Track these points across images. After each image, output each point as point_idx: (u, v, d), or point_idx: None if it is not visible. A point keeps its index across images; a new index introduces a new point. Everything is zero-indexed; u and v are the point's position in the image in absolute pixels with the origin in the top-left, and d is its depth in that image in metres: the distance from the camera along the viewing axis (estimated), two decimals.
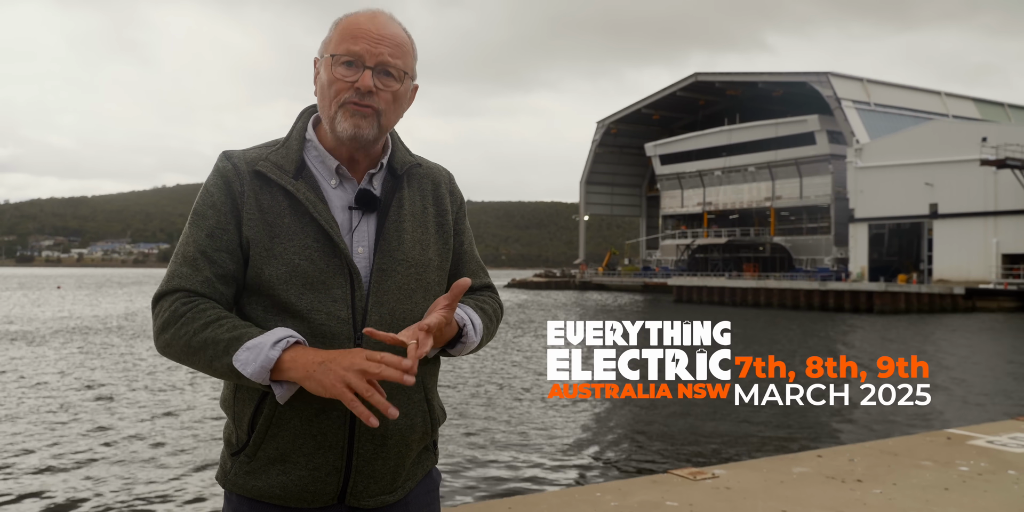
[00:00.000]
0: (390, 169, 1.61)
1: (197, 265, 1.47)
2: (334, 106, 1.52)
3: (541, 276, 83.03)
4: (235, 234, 1.50)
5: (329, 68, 1.52)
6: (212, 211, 1.50)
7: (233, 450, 1.54)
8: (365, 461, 1.51)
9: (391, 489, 1.56)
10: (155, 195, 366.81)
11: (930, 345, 22.87)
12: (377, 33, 1.51)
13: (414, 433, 1.57)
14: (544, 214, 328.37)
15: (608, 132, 77.43)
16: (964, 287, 40.64)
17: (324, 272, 1.48)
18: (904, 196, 47.20)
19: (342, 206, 1.55)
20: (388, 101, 1.53)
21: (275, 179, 1.51)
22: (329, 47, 1.54)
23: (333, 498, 1.51)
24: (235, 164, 1.53)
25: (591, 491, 4.21)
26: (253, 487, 1.50)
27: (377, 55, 1.50)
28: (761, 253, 64.45)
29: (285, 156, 1.54)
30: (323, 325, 1.47)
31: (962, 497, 4.08)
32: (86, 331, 25.43)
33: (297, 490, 1.49)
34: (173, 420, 10.60)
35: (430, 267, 1.59)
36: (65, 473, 7.88)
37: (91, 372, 15.53)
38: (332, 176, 1.56)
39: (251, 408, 1.50)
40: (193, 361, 1.43)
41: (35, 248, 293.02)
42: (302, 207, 1.50)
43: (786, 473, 4.54)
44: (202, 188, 1.55)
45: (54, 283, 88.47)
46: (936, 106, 60.01)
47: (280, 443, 1.48)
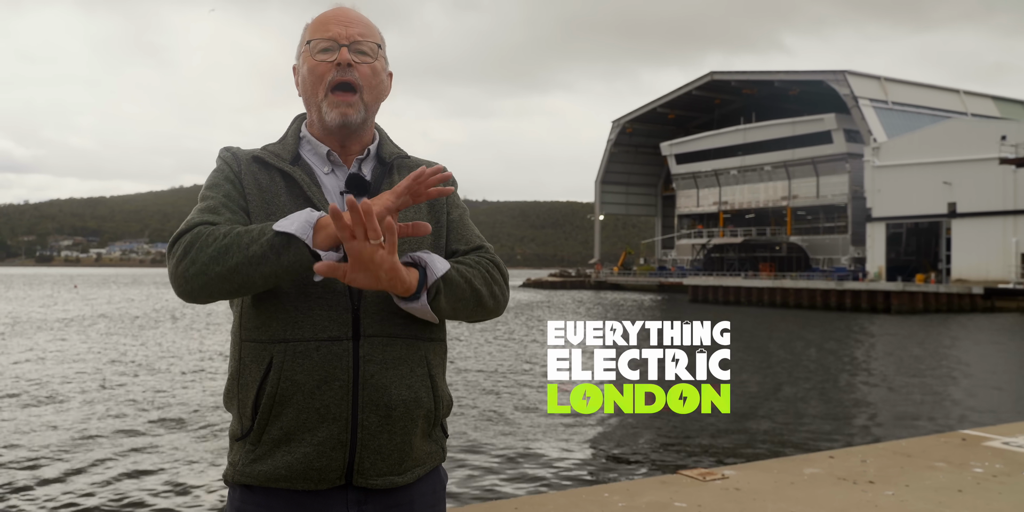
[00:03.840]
0: (379, 158, 1.68)
1: (218, 211, 1.52)
2: (321, 91, 1.60)
3: (556, 276, 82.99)
4: (244, 204, 1.56)
5: (309, 56, 1.62)
6: (225, 182, 1.58)
7: (237, 437, 1.56)
8: (371, 434, 1.50)
9: (399, 469, 1.54)
10: (173, 195, 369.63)
11: (947, 345, 22.68)
12: (346, 18, 1.63)
13: (420, 408, 1.55)
14: (559, 214, 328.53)
15: (623, 131, 77.28)
16: (983, 287, 40.31)
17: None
18: (922, 195, 46.84)
19: (335, 191, 1.61)
20: (367, 75, 1.61)
21: (273, 163, 1.60)
22: (304, 39, 1.66)
23: (340, 477, 1.50)
24: (234, 153, 1.64)
25: (599, 491, 4.18)
26: (260, 473, 1.51)
27: (349, 35, 1.61)
28: (777, 253, 64.15)
29: (282, 148, 1.64)
30: (320, 297, 1.50)
31: (976, 499, 4.01)
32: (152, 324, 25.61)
33: (303, 469, 1.48)
34: (185, 420, 10.64)
35: (423, 243, 1.60)
36: (58, 482, 7.93)
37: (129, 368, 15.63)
38: (325, 163, 1.64)
39: (254, 391, 1.51)
40: (224, 261, 1.40)
41: (54, 248, 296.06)
42: (298, 188, 1.57)
43: (797, 474, 4.49)
44: (207, 178, 1.62)
45: (79, 282, 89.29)
46: (955, 104, 59.53)
47: (284, 422, 1.49)
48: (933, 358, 19.17)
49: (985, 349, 22.06)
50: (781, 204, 63.25)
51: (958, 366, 17.57)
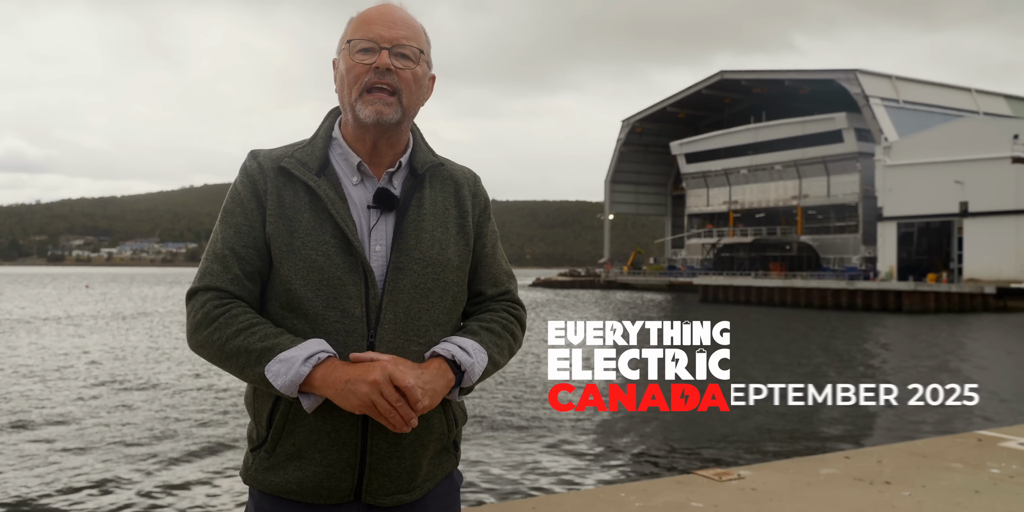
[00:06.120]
0: (411, 168, 1.62)
1: (226, 262, 1.52)
2: (355, 92, 1.55)
3: (566, 275, 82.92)
4: (260, 231, 1.54)
5: (348, 55, 1.56)
6: (239, 208, 1.55)
7: (253, 445, 1.58)
8: (379, 459, 1.52)
9: (408, 488, 1.56)
10: (183, 195, 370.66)
11: (961, 345, 22.57)
12: (390, 18, 1.57)
13: (431, 434, 1.57)
14: (569, 213, 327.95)
15: (633, 131, 77.10)
16: (995, 286, 40.08)
17: (340, 268, 1.50)
18: (934, 194, 46.57)
19: (363, 204, 1.57)
20: (408, 81, 1.56)
21: (298, 175, 1.54)
22: (345, 37, 1.59)
23: (349, 495, 1.52)
24: (260, 163, 1.58)
25: (615, 491, 4.20)
26: (272, 483, 1.53)
27: (392, 38, 1.54)
28: (788, 252, 63.90)
29: (310, 153, 1.58)
30: (337, 322, 1.49)
31: (993, 500, 4.01)
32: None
33: (312, 486, 1.51)
34: (202, 416, 10.70)
35: (448, 267, 1.58)
36: (89, 473, 7.98)
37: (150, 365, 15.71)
38: (354, 173, 1.59)
39: (269, 405, 1.53)
40: (225, 365, 1.48)
41: (65, 247, 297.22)
42: (321, 204, 1.53)
43: (813, 474, 4.50)
44: (231, 187, 1.60)
45: (91, 281, 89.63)
46: (966, 103, 59.17)
47: (296, 439, 1.51)
48: (946, 357, 19.08)
49: (998, 349, 21.96)
50: (791, 203, 63.00)
51: (972, 366, 17.50)
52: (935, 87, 58.53)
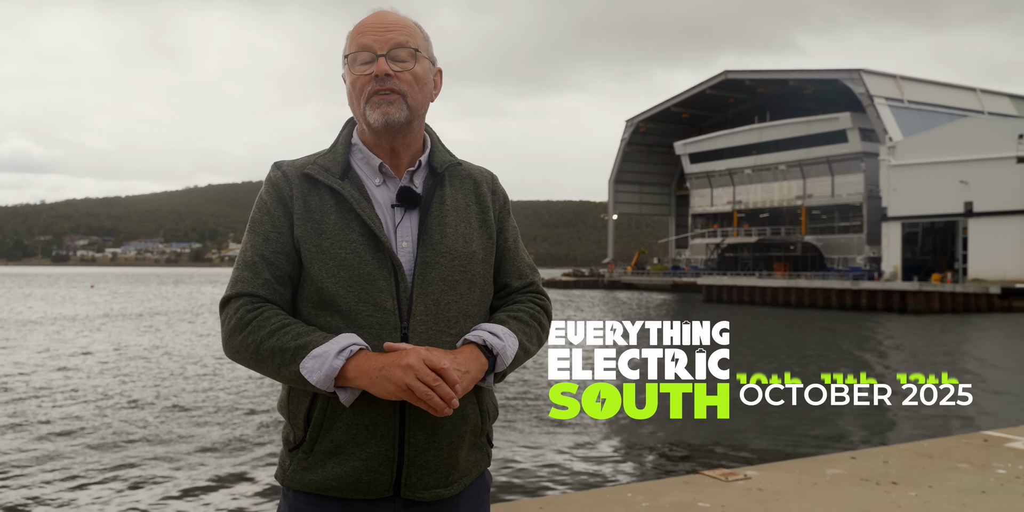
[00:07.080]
0: (430, 167, 1.67)
1: (256, 269, 1.56)
2: (362, 102, 1.60)
3: (570, 275, 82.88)
4: (288, 236, 1.58)
5: (349, 70, 1.62)
6: (266, 217, 1.60)
7: (291, 447, 1.61)
8: (417, 451, 1.55)
9: (446, 482, 1.59)
10: (187, 195, 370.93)
11: (966, 345, 22.54)
12: (382, 23, 1.61)
13: (466, 424, 1.60)
14: (573, 213, 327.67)
15: (637, 131, 77.04)
16: (1000, 287, 40.01)
17: (369, 264, 1.54)
18: (938, 194, 46.48)
19: (386, 203, 1.62)
20: (409, 81, 1.60)
21: (322, 180, 1.60)
22: (344, 52, 1.64)
23: (388, 489, 1.55)
24: (284, 171, 1.63)
25: (622, 491, 4.21)
26: (311, 481, 1.56)
27: (386, 42, 1.59)
28: (792, 252, 63.82)
29: (332, 159, 1.64)
30: (370, 316, 1.53)
31: (1000, 501, 4.02)
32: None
33: (352, 481, 1.53)
34: (234, 419, 10.72)
35: (474, 260, 1.63)
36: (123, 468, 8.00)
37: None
38: (376, 175, 1.64)
39: (305, 405, 1.56)
40: (261, 368, 1.51)
41: (70, 248, 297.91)
42: (347, 204, 1.58)
43: (819, 475, 4.50)
44: (257, 198, 1.65)
45: (96, 281, 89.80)
46: (971, 103, 59.03)
47: (335, 436, 1.54)
48: (951, 358, 19.06)
49: (1004, 349, 21.92)
50: (796, 203, 62.92)
51: (977, 366, 17.48)
52: (939, 87, 58.40)
